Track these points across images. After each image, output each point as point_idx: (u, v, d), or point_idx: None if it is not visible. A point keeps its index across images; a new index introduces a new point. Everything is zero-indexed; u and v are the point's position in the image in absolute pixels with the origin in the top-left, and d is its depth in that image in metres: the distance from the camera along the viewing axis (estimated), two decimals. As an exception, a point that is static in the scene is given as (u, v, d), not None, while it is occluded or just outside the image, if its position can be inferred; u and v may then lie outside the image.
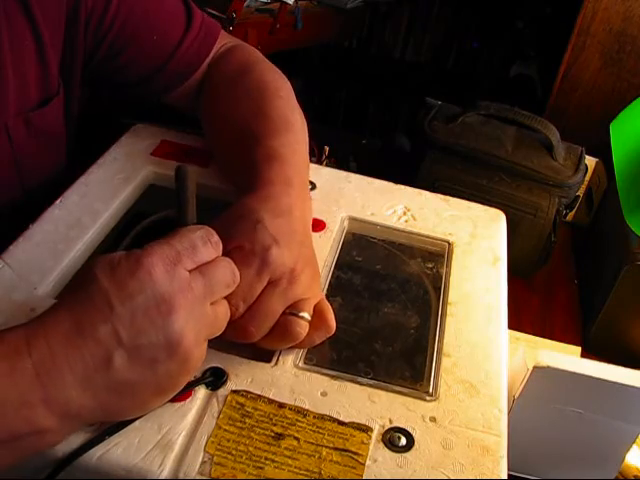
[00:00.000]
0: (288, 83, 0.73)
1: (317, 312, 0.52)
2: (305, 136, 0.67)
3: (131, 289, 0.42)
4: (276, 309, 0.51)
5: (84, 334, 0.42)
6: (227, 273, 0.47)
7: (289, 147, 0.63)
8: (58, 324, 0.42)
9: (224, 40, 0.79)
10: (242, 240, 0.51)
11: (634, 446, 0.68)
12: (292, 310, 0.51)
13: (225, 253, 0.49)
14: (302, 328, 0.51)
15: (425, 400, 0.51)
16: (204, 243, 0.46)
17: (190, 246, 0.45)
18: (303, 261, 0.53)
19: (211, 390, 0.50)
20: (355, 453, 0.47)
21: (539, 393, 0.64)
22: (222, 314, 0.48)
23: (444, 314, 0.59)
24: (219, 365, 0.51)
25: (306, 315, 0.51)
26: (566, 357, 0.64)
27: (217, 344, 0.51)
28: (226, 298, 0.48)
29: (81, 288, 0.44)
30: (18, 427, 0.41)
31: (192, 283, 0.44)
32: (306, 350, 0.54)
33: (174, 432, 0.46)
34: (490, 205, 0.74)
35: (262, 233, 0.52)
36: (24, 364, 0.41)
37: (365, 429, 0.48)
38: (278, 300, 0.51)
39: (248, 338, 0.50)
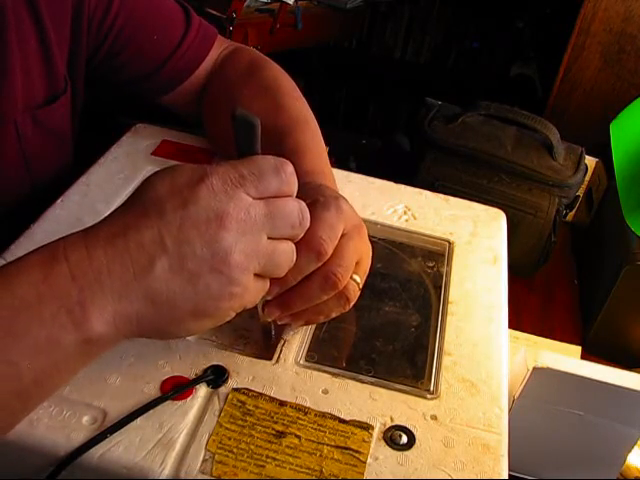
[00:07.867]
0: (295, 85, 0.74)
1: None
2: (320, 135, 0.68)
3: (185, 199, 0.40)
4: (354, 258, 0.49)
5: (127, 237, 0.40)
6: (294, 213, 0.43)
7: (313, 142, 0.64)
8: (101, 229, 0.41)
9: (223, 44, 0.79)
10: (315, 195, 0.50)
11: (635, 447, 0.68)
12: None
13: None
14: (355, 292, 0.50)
15: (426, 398, 0.51)
16: (275, 173, 0.42)
17: (258, 172, 0.42)
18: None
19: (212, 388, 0.50)
20: (356, 451, 0.47)
21: (539, 394, 0.64)
22: (283, 252, 0.44)
23: (445, 313, 0.59)
24: (220, 363, 0.51)
25: (358, 279, 0.50)
26: (566, 358, 0.64)
27: (218, 342, 0.51)
28: (311, 234, 0.46)
29: (136, 195, 0.42)
30: (55, 333, 0.39)
31: (251, 209, 0.41)
32: (307, 348, 0.54)
33: (175, 430, 0.46)
34: (490, 205, 0.74)
35: (329, 190, 0.52)
36: (60, 268, 0.39)
37: (366, 427, 0.48)
38: (354, 250, 0.49)
39: (336, 286, 0.48)
